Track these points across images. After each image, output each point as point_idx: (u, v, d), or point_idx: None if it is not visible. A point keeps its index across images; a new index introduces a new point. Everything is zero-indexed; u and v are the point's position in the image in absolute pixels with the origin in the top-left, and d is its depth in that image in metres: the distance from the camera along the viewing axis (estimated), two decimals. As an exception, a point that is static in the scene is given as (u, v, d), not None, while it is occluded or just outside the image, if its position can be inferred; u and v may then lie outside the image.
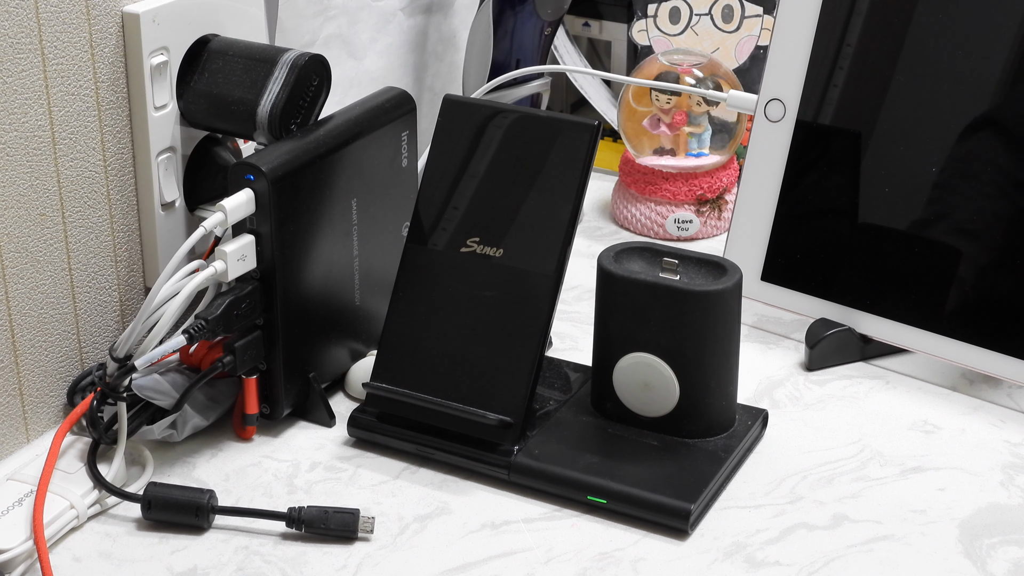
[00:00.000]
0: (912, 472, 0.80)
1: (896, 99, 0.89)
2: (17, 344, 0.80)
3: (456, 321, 0.80)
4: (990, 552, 0.73)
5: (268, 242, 0.79)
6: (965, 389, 0.88)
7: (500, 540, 0.74)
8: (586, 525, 0.75)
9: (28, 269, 0.80)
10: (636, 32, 1.20)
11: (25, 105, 0.77)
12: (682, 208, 1.08)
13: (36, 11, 0.77)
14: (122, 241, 0.86)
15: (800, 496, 0.77)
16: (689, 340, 0.78)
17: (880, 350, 0.90)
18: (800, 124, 0.92)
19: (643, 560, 0.73)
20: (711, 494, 0.76)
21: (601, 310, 0.80)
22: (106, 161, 0.83)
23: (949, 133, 0.87)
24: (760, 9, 1.17)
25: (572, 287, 0.96)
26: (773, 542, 0.74)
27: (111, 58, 0.82)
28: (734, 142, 1.09)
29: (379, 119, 0.87)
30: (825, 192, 0.93)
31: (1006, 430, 0.84)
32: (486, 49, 1.05)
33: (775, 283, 0.94)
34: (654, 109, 1.08)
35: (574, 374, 0.85)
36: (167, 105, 0.85)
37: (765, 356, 0.92)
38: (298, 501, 0.76)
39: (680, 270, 0.79)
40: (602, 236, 1.09)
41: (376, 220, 0.87)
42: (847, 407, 0.86)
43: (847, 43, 0.91)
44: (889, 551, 0.73)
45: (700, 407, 0.79)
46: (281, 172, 0.79)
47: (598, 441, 0.79)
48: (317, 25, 0.99)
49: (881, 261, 0.90)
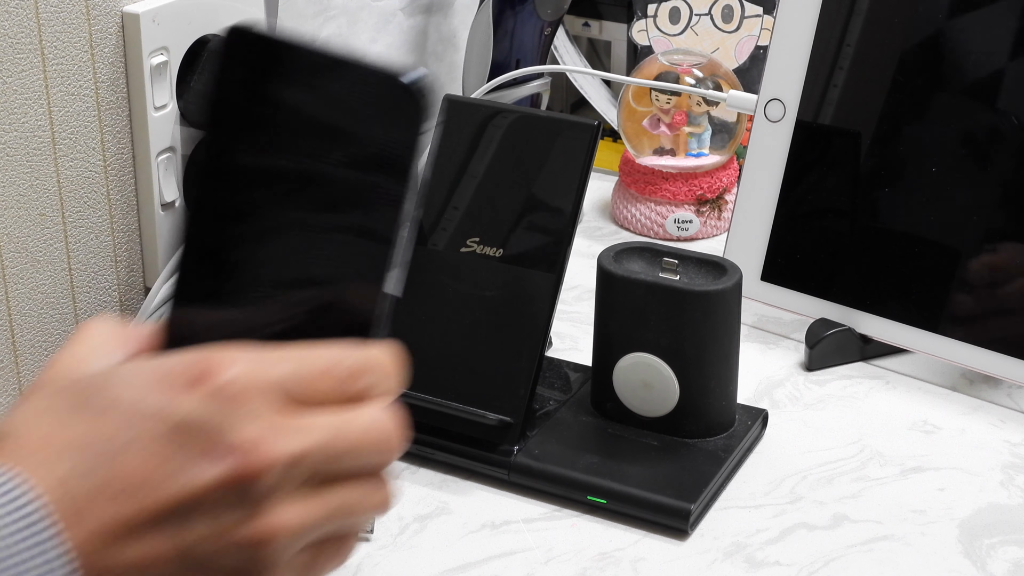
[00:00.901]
0: (912, 472, 0.80)
1: (896, 99, 0.89)
2: (17, 344, 0.80)
3: (456, 321, 0.80)
4: (990, 552, 0.73)
5: (268, 242, 0.79)
6: (965, 389, 0.88)
7: (500, 540, 0.74)
8: (586, 525, 0.75)
9: (28, 269, 0.80)
10: (636, 32, 1.20)
11: (25, 105, 0.77)
12: (682, 208, 1.08)
13: (36, 11, 0.77)
14: (122, 241, 0.86)
15: (800, 496, 0.77)
16: (689, 340, 0.78)
17: (880, 350, 0.90)
18: (800, 124, 0.92)
19: (643, 560, 0.73)
20: (711, 494, 0.76)
21: (601, 310, 0.80)
22: (106, 161, 0.83)
23: (949, 133, 0.87)
24: (760, 9, 1.17)
25: (572, 287, 0.96)
26: (773, 542, 0.74)
27: (111, 58, 0.82)
28: (734, 142, 1.09)
29: (379, 119, 0.87)
30: (825, 192, 0.93)
31: (1006, 430, 0.84)
32: (486, 49, 1.05)
33: (775, 283, 0.94)
34: (654, 109, 1.08)
35: (574, 374, 0.85)
36: (167, 105, 0.85)
37: (765, 356, 0.92)
38: (298, 501, 0.76)
39: (680, 270, 0.79)
40: (602, 236, 1.09)
41: (376, 220, 0.87)
42: (847, 407, 0.86)
43: (847, 43, 0.91)
44: (889, 551, 0.73)
45: (700, 407, 0.79)
46: (281, 172, 0.79)
47: (598, 441, 0.79)
48: (317, 25, 0.99)
49: (881, 261, 0.90)
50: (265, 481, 0.51)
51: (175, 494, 0.51)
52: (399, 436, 0.56)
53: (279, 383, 0.53)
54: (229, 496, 0.51)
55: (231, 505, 0.52)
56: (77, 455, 0.51)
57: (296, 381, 0.54)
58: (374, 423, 0.56)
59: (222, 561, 0.52)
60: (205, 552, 0.52)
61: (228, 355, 0.53)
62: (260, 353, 0.53)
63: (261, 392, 0.52)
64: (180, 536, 0.51)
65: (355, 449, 0.55)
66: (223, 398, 0.52)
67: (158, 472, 0.51)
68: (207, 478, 0.51)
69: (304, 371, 0.54)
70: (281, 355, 0.54)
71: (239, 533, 0.52)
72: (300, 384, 0.54)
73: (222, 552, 0.52)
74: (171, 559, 0.52)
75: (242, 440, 0.51)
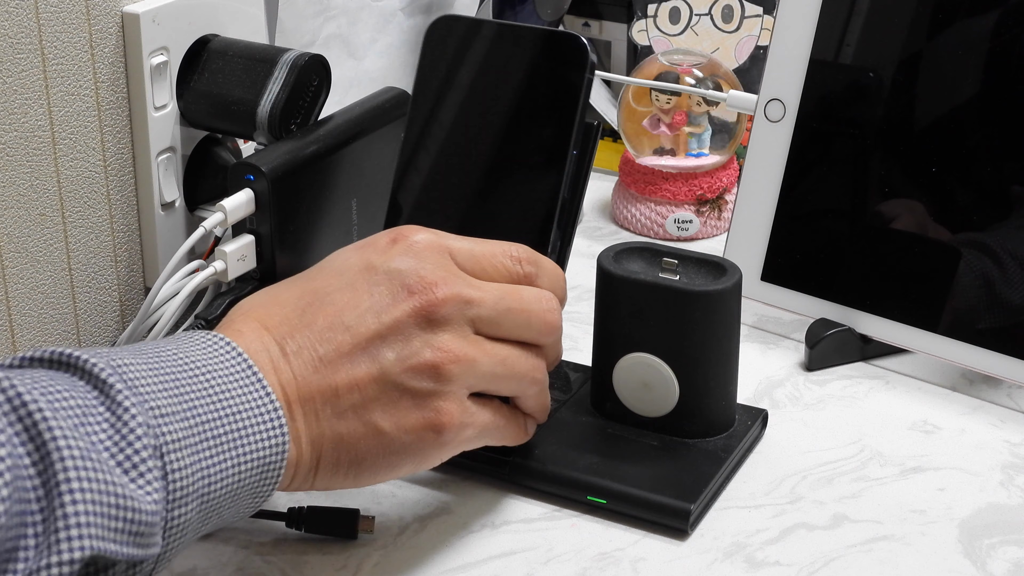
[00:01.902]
0: (912, 472, 0.80)
1: (896, 99, 0.89)
2: (17, 344, 0.80)
3: None
4: (990, 552, 0.73)
5: (268, 242, 0.79)
6: (965, 389, 0.88)
7: (500, 540, 0.74)
8: (586, 525, 0.75)
9: (28, 269, 0.80)
10: (636, 32, 1.20)
11: (25, 105, 0.77)
12: (682, 208, 1.08)
13: (36, 11, 0.77)
14: (122, 241, 0.86)
15: (800, 496, 0.77)
16: (689, 340, 0.78)
17: (880, 350, 0.90)
18: (800, 124, 0.92)
19: (643, 560, 0.73)
20: (711, 494, 0.76)
21: (601, 310, 0.80)
22: (106, 161, 0.83)
23: (948, 133, 0.87)
24: (760, 9, 1.17)
25: (572, 287, 0.96)
26: (773, 542, 0.74)
27: (111, 58, 0.82)
28: (734, 142, 1.09)
29: (379, 119, 0.87)
30: (825, 192, 0.93)
31: (1006, 430, 0.84)
32: (486, 49, 1.05)
33: (775, 283, 0.94)
34: (654, 109, 1.08)
35: (574, 374, 0.85)
36: (167, 105, 0.85)
37: (765, 356, 0.92)
38: (298, 501, 0.76)
39: (680, 270, 0.79)
40: (602, 236, 1.09)
41: (376, 220, 0.87)
42: (847, 407, 0.86)
43: (847, 43, 0.91)
44: (889, 551, 0.73)
45: (700, 407, 0.79)
46: (281, 172, 0.79)
47: (598, 441, 0.79)
48: (317, 25, 0.99)
49: (881, 261, 0.90)
50: (443, 310, 0.65)
51: (379, 325, 0.65)
52: (558, 316, 0.71)
53: (458, 251, 0.68)
54: (418, 322, 0.65)
55: (418, 330, 0.65)
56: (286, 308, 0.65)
57: (470, 255, 0.68)
58: (536, 298, 0.70)
59: (411, 382, 0.65)
60: (398, 373, 0.65)
61: (416, 227, 0.68)
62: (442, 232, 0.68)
63: (443, 251, 0.67)
64: (378, 360, 0.65)
65: (519, 312, 0.68)
66: (413, 251, 0.66)
67: (365, 307, 0.65)
68: (402, 309, 0.65)
69: (477, 250, 0.69)
70: (459, 237, 0.69)
71: (423, 355, 0.65)
72: (473, 257, 0.68)
73: (410, 373, 0.65)
74: (372, 379, 0.65)
75: (428, 280, 0.66)
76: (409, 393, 0.65)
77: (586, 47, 0.75)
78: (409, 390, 0.65)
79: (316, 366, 0.64)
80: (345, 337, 0.64)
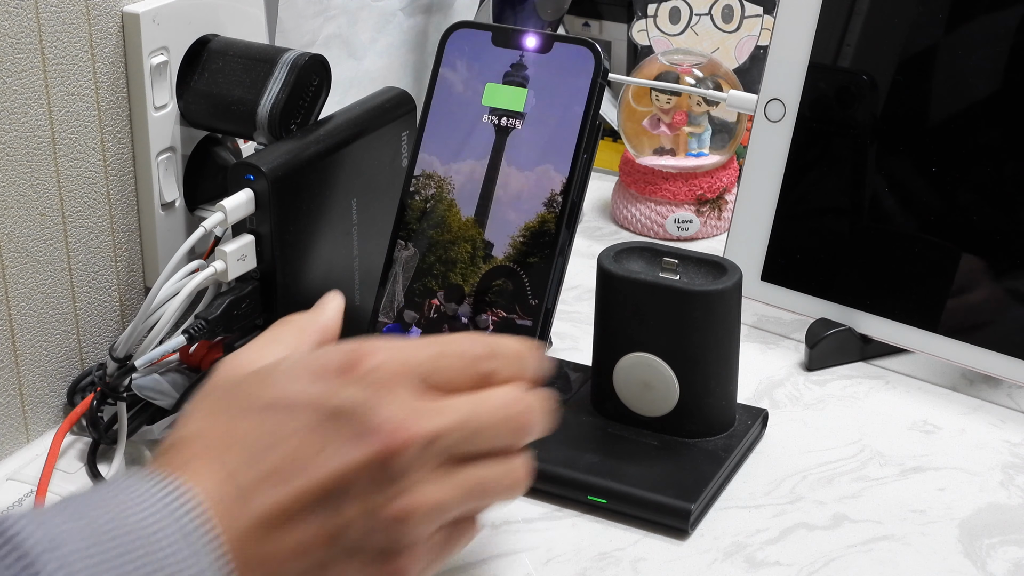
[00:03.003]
0: (912, 472, 0.80)
1: (896, 98, 0.89)
2: (17, 344, 0.80)
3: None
4: (990, 552, 0.73)
5: (268, 242, 0.79)
6: (965, 389, 0.88)
7: (500, 540, 0.74)
8: (586, 525, 0.75)
9: (28, 269, 0.80)
10: (636, 32, 1.20)
11: (25, 105, 0.77)
12: (682, 208, 1.08)
13: (36, 11, 0.77)
14: (122, 241, 0.86)
15: (800, 496, 0.77)
16: (689, 340, 0.78)
17: (880, 350, 0.90)
18: (800, 124, 0.92)
19: (643, 560, 0.73)
20: (711, 494, 0.76)
21: (601, 310, 0.80)
22: (106, 161, 0.83)
23: (949, 132, 0.87)
24: (760, 9, 1.17)
25: (572, 287, 0.96)
26: (773, 542, 0.74)
27: (111, 58, 0.82)
28: (734, 142, 1.09)
29: (379, 119, 0.87)
30: (825, 192, 0.93)
31: (1006, 430, 0.84)
32: (486, 49, 1.05)
33: (775, 283, 0.94)
34: (654, 109, 1.08)
35: (574, 374, 0.85)
36: (167, 105, 0.85)
37: (765, 356, 0.92)
38: (298, 501, 0.76)
39: (680, 270, 0.79)
40: (602, 236, 1.09)
41: (376, 220, 0.87)
42: (847, 407, 0.86)
43: (847, 43, 0.91)
44: (889, 551, 0.73)
45: (700, 407, 0.79)
46: (281, 172, 0.79)
47: (598, 441, 0.79)
48: (317, 25, 0.99)
49: (881, 261, 0.90)
50: (405, 458, 0.55)
51: (328, 476, 0.55)
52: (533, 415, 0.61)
53: (417, 369, 0.58)
54: (375, 475, 0.55)
55: (377, 484, 0.55)
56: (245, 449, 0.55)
57: (433, 367, 0.58)
58: (507, 403, 0.60)
59: (369, 541, 0.56)
60: (354, 533, 0.55)
61: (373, 345, 0.58)
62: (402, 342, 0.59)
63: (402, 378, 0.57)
64: (332, 520, 0.55)
65: (489, 428, 0.59)
66: (368, 384, 0.56)
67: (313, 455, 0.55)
68: (356, 458, 0.55)
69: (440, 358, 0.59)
70: (419, 343, 0.59)
71: (384, 511, 0.55)
72: (437, 370, 0.58)
73: (369, 532, 0.55)
74: (323, 543, 0.55)
75: (384, 421, 0.55)
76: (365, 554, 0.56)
77: (600, 53, 0.77)
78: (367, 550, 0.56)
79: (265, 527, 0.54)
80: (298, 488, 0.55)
